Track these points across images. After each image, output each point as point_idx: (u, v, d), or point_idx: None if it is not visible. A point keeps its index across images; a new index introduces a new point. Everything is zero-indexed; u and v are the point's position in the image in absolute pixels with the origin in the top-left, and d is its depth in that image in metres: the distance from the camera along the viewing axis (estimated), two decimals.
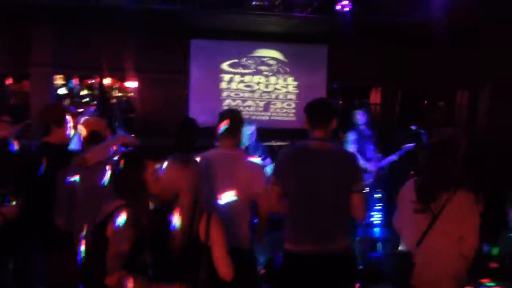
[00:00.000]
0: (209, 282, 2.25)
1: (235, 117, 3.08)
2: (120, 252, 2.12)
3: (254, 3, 7.17)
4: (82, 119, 3.36)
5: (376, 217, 5.94)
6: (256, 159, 3.21)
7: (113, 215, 2.20)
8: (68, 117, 3.38)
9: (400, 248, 2.72)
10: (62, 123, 3.32)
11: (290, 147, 2.88)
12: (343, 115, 11.13)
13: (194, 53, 9.80)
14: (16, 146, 3.55)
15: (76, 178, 3.06)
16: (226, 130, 3.01)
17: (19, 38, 9.13)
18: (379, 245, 5.17)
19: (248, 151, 5.13)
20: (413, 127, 6.76)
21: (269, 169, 4.19)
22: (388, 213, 5.84)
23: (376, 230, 5.82)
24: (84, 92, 11.34)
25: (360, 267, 4.50)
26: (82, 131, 3.26)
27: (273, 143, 7.18)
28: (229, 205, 2.85)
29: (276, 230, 5.15)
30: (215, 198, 2.84)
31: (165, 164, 2.37)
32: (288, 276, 2.74)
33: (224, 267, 2.27)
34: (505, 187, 5.26)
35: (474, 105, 9.56)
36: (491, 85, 8.34)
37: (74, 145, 3.70)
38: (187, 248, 2.21)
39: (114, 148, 3.02)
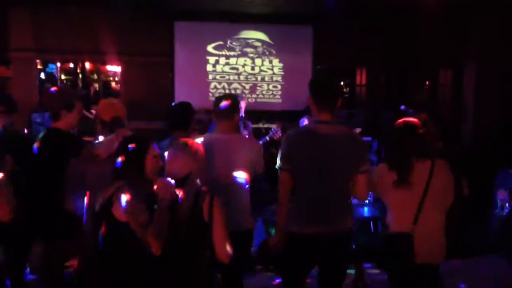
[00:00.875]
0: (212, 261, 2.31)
1: (234, 100, 3.08)
2: (142, 223, 2.20)
3: None
4: (103, 102, 3.32)
5: None
6: (255, 141, 3.23)
7: (115, 194, 2.26)
8: (78, 102, 3.30)
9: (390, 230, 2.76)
10: (72, 108, 3.24)
11: (296, 132, 2.82)
12: None
13: (178, 35, 9.68)
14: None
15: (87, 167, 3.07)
16: (223, 112, 3.00)
17: None
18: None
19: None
20: (401, 107, 6.81)
21: None
22: None
23: (365, 209, 5.89)
24: (63, 77, 11.12)
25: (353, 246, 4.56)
26: (104, 115, 3.21)
27: (261, 125, 7.17)
28: (231, 188, 2.87)
29: (268, 211, 5.19)
30: (216, 182, 2.84)
31: (170, 150, 2.45)
32: (293, 258, 2.75)
33: (223, 249, 2.31)
34: (493, 170, 5.38)
35: (458, 85, 9.66)
36: (476, 64, 8.41)
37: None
38: (192, 226, 2.27)
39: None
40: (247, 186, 2.99)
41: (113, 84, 11.62)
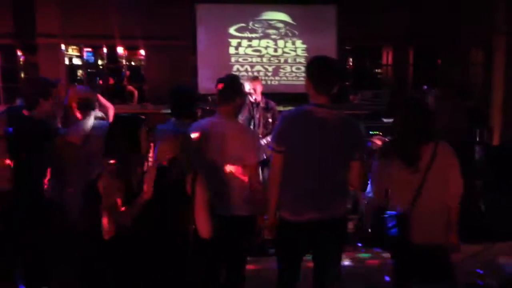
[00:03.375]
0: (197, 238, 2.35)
1: (231, 82, 3.00)
2: (110, 204, 2.23)
3: None
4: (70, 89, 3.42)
5: None
6: (252, 130, 3.16)
7: (102, 172, 2.32)
8: (54, 90, 3.37)
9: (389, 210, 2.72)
10: (48, 96, 3.31)
11: (292, 113, 2.73)
12: (354, 77, 11.01)
13: (200, 18, 9.65)
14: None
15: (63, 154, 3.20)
16: (221, 95, 2.95)
17: (23, 7, 9.05)
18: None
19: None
20: (424, 87, 6.62)
21: None
22: None
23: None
24: (100, 62, 11.26)
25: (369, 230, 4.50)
26: (71, 99, 3.33)
27: (282, 108, 7.08)
28: (225, 173, 2.83)
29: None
30: (211, 167, 2.82)
31: (160, 134, 2.51)
32: (286, 244, 2.72)
33: (203, 224, 2.34)
34: None
35: (489, 64, 9.30)
36: (506, 42, 8.07)
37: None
38: (176, 198, 2.31)
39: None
40: (242, 171, 2.92)
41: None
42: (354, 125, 2.73)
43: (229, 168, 2.85)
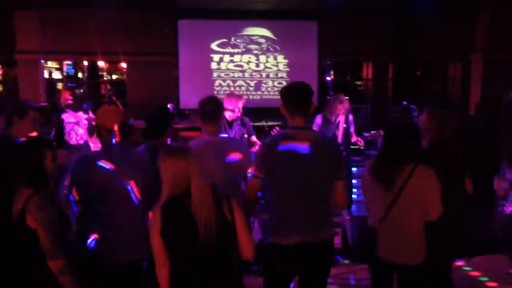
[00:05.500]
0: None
1: (215, 103, 3.08)
2: (55, 235, 2.23)
3: None
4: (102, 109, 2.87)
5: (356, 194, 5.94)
6: (240, 142, 3.19)
7: (27, 205, 2.25)
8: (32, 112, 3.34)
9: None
10: (23, 115, 3.29)
11: (271, 138, 2.76)
12: (335, 91, 11.12)
13: (182, 33, 9.68)
14: None
15: None
16: (208, 116, 3.00)
17: (3, 23, 8.97)
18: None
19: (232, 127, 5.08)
20: (403, 103, 6.72)
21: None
22: None
23: None
24: (80, 75, 11.14)
25: (350, 244, 4.52)
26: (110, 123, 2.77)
27: (264, 123, 7.11)
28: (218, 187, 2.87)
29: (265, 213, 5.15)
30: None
31: (161, 160, 2.23)
32: (273, 269, 2.71)
33: (248, 246, 2.27)
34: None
35: (467, 78, 9.51)
36: (483, 57, 8.28)
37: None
38: (221, 231, 2.18)
39: None
40: (238, 185, 2.99)
41: None
42: (332, 144, 2.79)
43: (228, 182, 2.89)
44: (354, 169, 6.18)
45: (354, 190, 5.90)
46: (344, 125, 5.47)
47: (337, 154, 2.75)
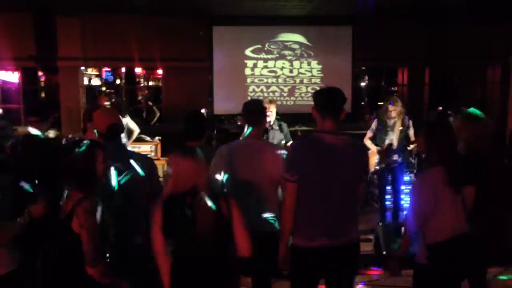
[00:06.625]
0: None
1: (259, 106, 3.19)
2: (96, 242, 2.28)
3: None
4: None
5: (405, 200, 5.82)
6: (279, 148, 3.26)
7: (77, 208, 2.30)
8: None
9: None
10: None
11: (301, 141, 2.85)
12: (370, 96, 11.02)
13: (216, 39, 9.81)
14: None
15: None
16: (252, 118, 3.09)
17: (45, 30, 9.29)
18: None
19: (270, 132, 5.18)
20: (439, 109, 6.60)
21: None
22: None
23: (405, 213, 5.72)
24: (118, 81, 11.46)
25: (384, 252, 4.46)
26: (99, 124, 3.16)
27: (297, 128, 7.12)
28: (254, 190, 2.90)
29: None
30: (240, 184, 2.90)
31: (172, 160, 2.38)
32: (300, 271, 2.73)
33: (244, 243, 2.34)
34: None
35: (507, 81, 9.24)
36: None
37: None
38: (218, 227, 2.28)
39: None
40: (272, 188, 3.01)
41: None
42: (360, 149, 2.82)
43: (261, 184, 2.94)
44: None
45: (402, 196, 5.70)
46: (400, 128, 5.28)
47: (365, 159, 2.83)
